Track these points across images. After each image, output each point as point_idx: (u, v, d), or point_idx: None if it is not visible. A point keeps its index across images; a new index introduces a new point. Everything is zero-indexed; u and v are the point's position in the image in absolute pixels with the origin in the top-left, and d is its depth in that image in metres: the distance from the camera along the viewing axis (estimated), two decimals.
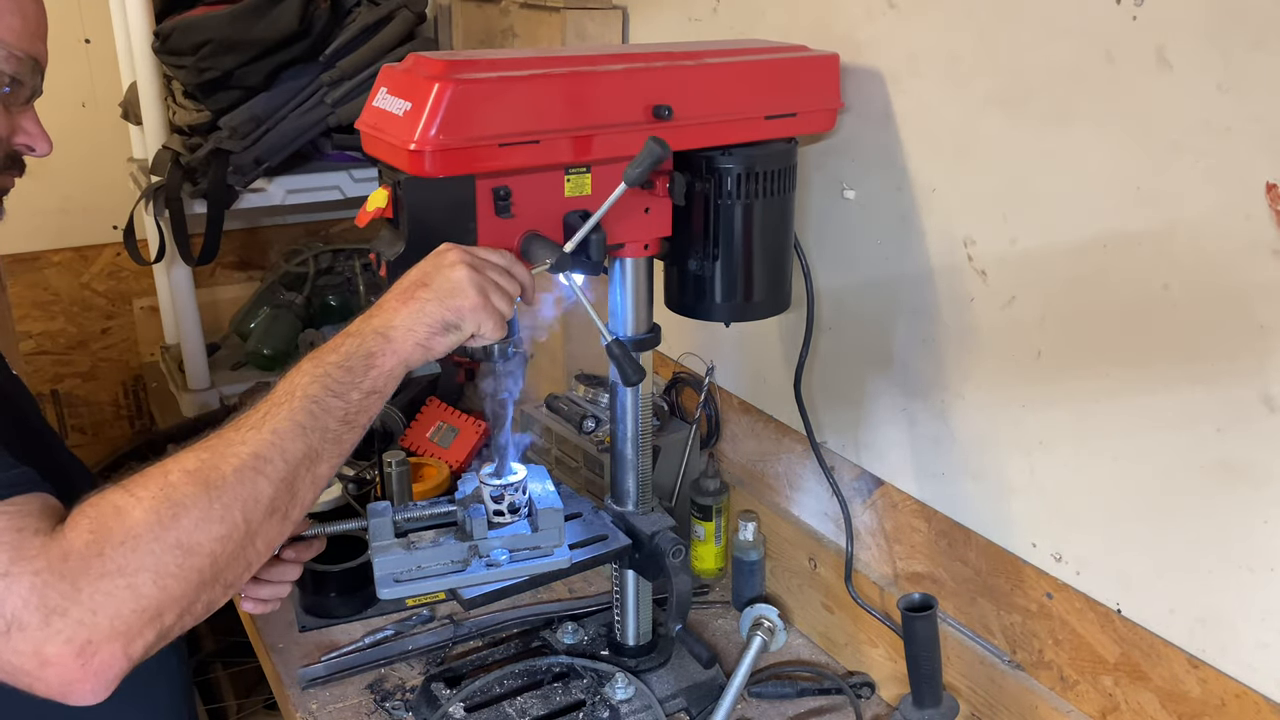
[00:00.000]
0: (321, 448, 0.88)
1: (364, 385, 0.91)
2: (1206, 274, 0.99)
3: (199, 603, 0.82)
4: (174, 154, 2.01)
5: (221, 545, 0.82)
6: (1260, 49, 0.91)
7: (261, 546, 0.86)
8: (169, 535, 0.79)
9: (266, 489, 0.84)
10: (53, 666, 0.76)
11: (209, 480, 0.82)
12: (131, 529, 0.78)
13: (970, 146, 1.19)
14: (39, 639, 0.75)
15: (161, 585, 0.79)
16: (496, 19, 1.91)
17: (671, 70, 1.16)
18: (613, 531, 1.33)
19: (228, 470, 0.83)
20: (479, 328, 0.97)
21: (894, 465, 1.39)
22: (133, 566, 0.78)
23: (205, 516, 0.81)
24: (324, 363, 0.91)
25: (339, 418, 0.89)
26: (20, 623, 0.75)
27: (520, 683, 1.38)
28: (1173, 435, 1.05)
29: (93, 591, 0.76)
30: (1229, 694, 1.04)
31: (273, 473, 0.85)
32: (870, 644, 1.44)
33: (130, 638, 0.78)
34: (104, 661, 0.77)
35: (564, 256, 1.08)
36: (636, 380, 1.13)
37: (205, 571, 0.81)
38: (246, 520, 0.83)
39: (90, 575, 0.76)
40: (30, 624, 0.75)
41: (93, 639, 0.76)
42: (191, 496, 0.81)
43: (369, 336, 0.93)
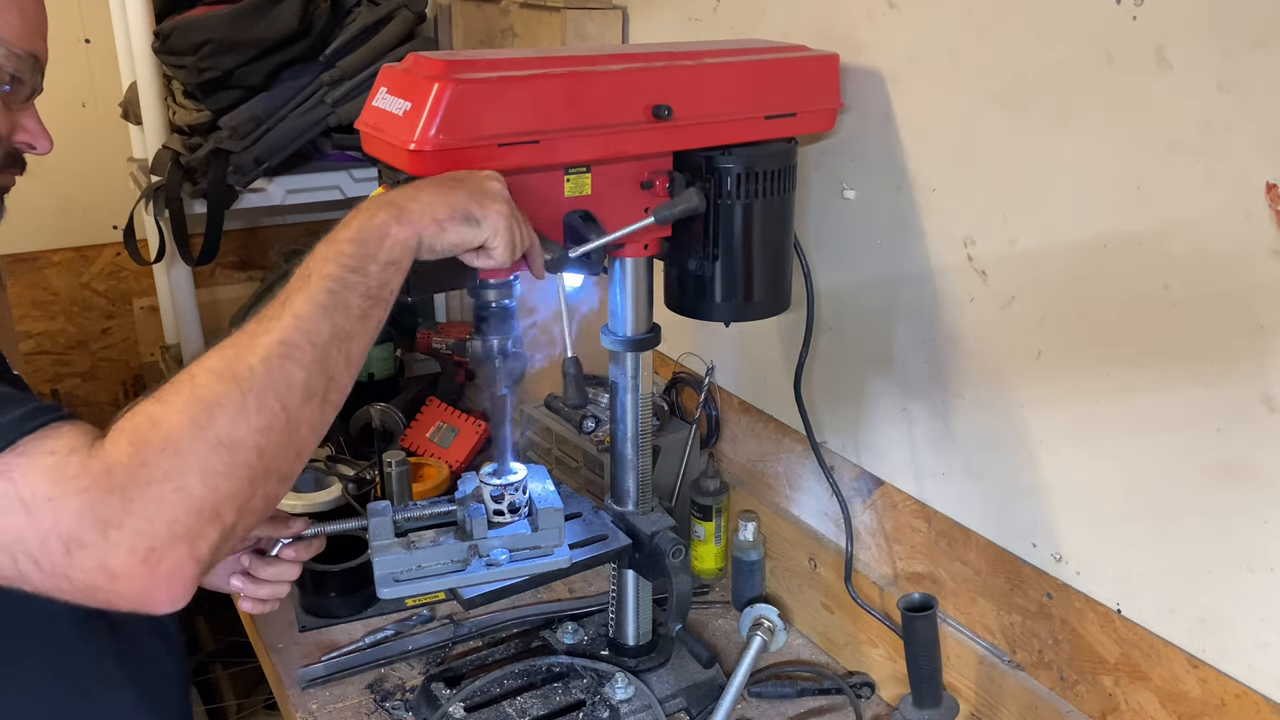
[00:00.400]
0: (348, 325, 0.86)
1: (380, 257, 0.89)
2: (1206, 274, 0.99)
3: (256, 497, 0.81)
4: (174, 154, 2.00)
5: (264, 436, 0.81)
6: (1260, 49, 0.91)
7: (307, 432, 0.84)
8: (208, 434, 0.78)
9: (298, 373, 0.83)
10: (122, 579, 0.75)
11: (237, 374, 0.81)
12: (170, 434, 0.77)
13: (970, 146, 1.19)
14: (102, 553, 0.74)
15: (211, 484, 0.78)
16: (496, 19, 1.91)
17: (671, 70, 1.16)
18: (613, 531, 1.33)
19: (255, 361, 0.82)
20: (494, 237, 0.95)
21: (894, 465, 1.39)
22: (179, 470, 0.77)
23: (241, 409, 0.80)
24: (336, 240, 0.89)
25: (361, 293, 0.87)
26: (79, 540, 0.74)
27: (520, 683, 1.38)
28: (1173, 435, 1.05)
29: (144, 500, 0.75)
30: (1229, 694, 1.04)
31: (301, 357, 0.83)
32: (870, 644, 1.44)
33: (193, 539, 0.77)
34: (173, 566, 0.76)
35: (564, 255, 1.08)
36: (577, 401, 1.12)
37: (254, 465, 0.80)
38: (285, 408, 0.82)
39: (138, 484, 0.76)
40: (89, 540, 0.74)
41: (155, 545, 0.75)
42: (223, 393, 0.80)
43: (381, 208, 0.91)
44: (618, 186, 1.16)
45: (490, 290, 1.11)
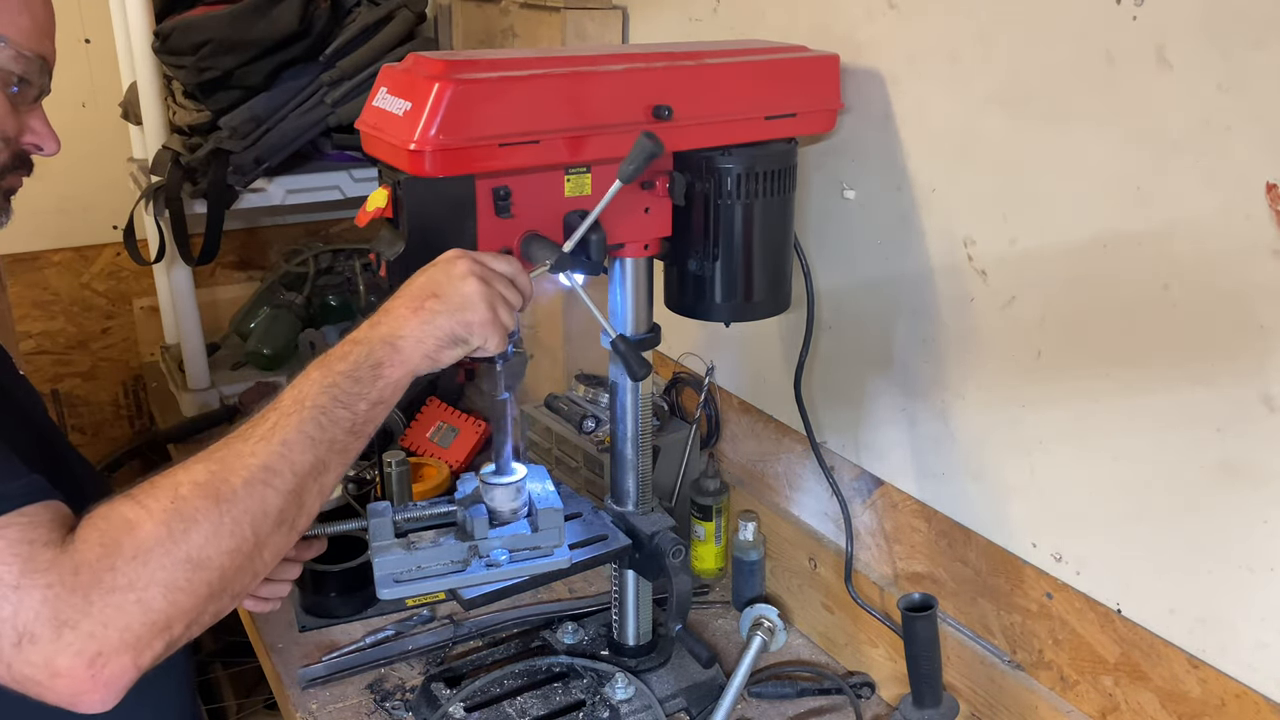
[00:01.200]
0: (328, 458, 0.89)
1: (371, 396, 0.92)
2: (1206, 274, 0.99)
3: (207, 613, 0.83)
4: (174, 154, 2.00)
5: (231, 559, 0.83)
6: (1260, 49, 0.91)
7: (269, 557, 0.87)
8: (179, 550, 0.80)
9: (275, 501, 0.85)
10: (63, 678, 0.76)
11: (219, 494, 0.83)
12: (142, 543, 0.79)
13: (970, 146, 1.19)
14: (50, 651, 0.76)
15: (171, 599, 0.80)
16: (496, 19, 1.91)
17: (671, 70, 1.16)
18: (613, 531, 1.33)
19: (238, 483, 0.84)
20: (485, 341, 0.98)
21: (894, 465, 1.39)
22: (143, 581, 0.78)
23: (215, 531, 0.82)
24: (332, 372, 0.91)
25: (346, 428, 0.90)
26: (32, 635, 0.75)
27: (520, 683, 1.38)
28: (1173, 435, 1.05)
29: (104, 605, 0.77)
30: (1229, 694, 1.04)
31: (281, 485, 0.86)
32: (870, 644, 1.44)
33: (140, 649, 0.79)
34: (114, 673, 0.78)
35: (564, 256, 1.08)
36: (643, 375, 1.14)
37: (214, 584, 0.82)
38: (255, 533, 0.84)
39: (101, 589, 0.77)
40: (42, 636, 0.75)
41: (103, 651, 0.77)
42: (202, 511, 0.82)
43: (377, 345, 0.93)
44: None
45: None
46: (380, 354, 0.93)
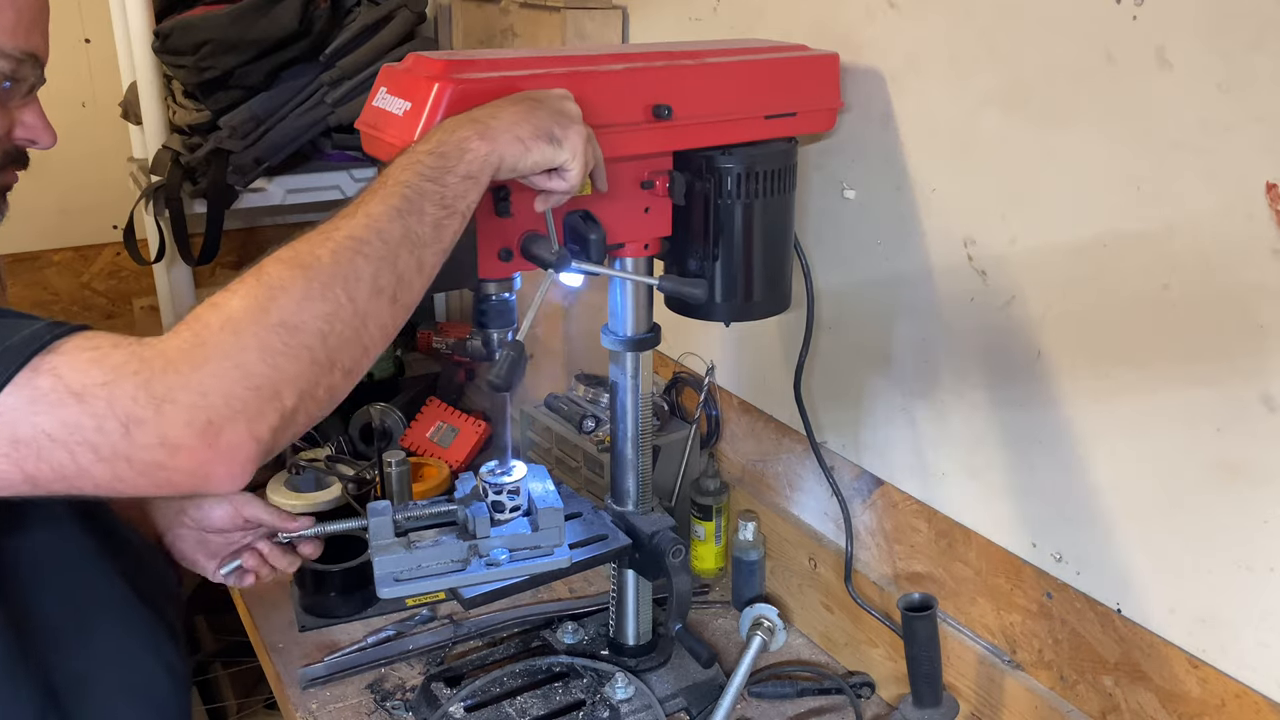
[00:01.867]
0: (420, 230, 0.86)
1: (459, 170, 0.89)
2: (1206, 274, 0.99)
3: (319, 386, 0.80)
4: (174, 154, 2.00)
5: (328, 323, 0.80)
6: (1260, 49, 0.91)
7: (374, 329, 0.83)
8: (269, 316, 0.78)
9: (365, 267, 0.82)
10: (182, 452, 0.74)
11: (304, 263, 0.81)
12: (230, 315, 0.77)
13: (970, 146, 1.19)
14: (158, 427, 0.74)
15: (271, 363, 0.77)
16: (496, 19, 1.91)
17: (671, 70, 1.16)
18: (613, 531, 1.33)
19: (324, 253, 0.81)
20: (572, 159, 0.96)
21: (894, 465, 1.39)
22: (237, 347, 0.76)
23: (305, 295, 0.79)
24: (415, 151, 0.89)
25: (436, 202, 0.87)
26: (136, 418, 0.74)
27: (520, 682, 1.38)
28: (1172, 435, 1.05)
29: (200, 375, 0.75)
30: (1229, 694, 1.04)
31: (371, 252, 0.83)
32: (870, 644, 1.44)
33: (251, 416, 0.76)
34: (231, 441, 0.75)
35: (564, 255, 1.08)
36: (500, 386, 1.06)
37: (316, 349, 0.79)
38: (351, 298, 0.81)
39: (194, 361, 0.75)
40: (146, 416, 0.74)
41: (212, 419, 0.75)
42: (288, 278, 0.79)
43: (463, 124, 0.91)
44: (618, 186, 1.16)
45: (491, 284, 1.11)
46: (466, 130, 0.91)
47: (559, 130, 0.95)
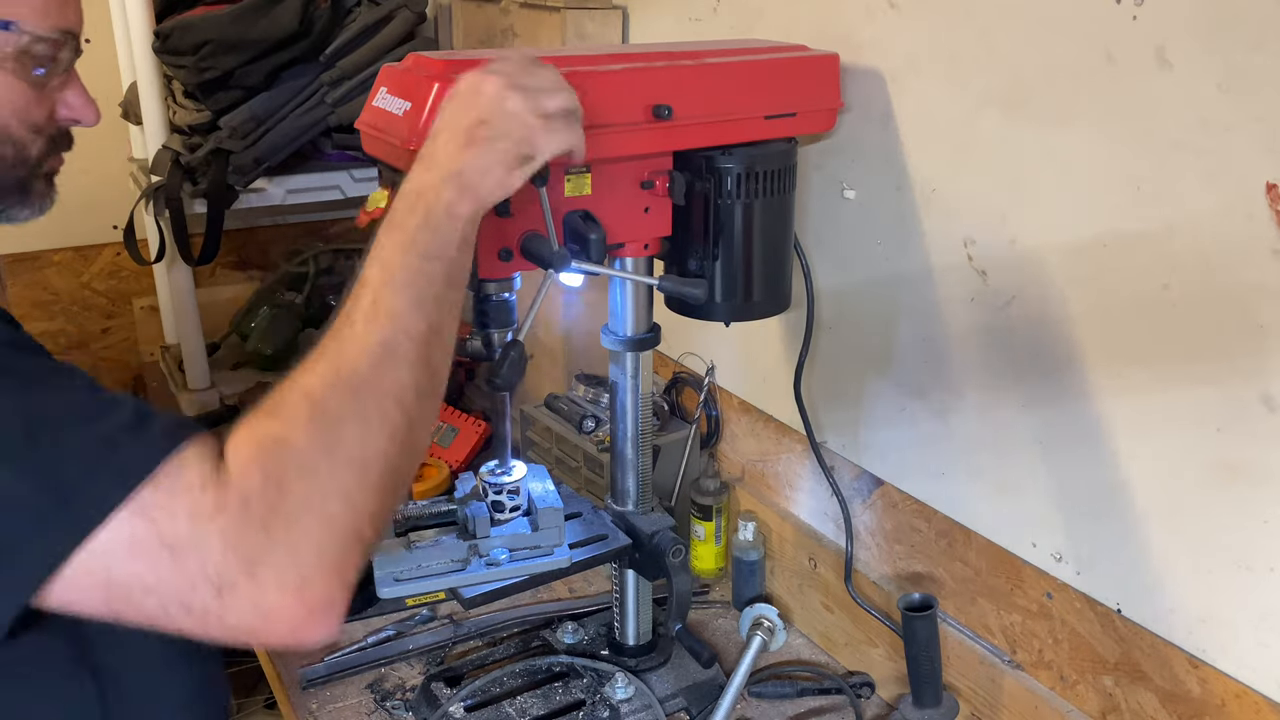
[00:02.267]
0: (438, 317, 0.85)
1: (454, 240, 0.87)
2: (1206, 274, 0.99)
3: (387, 507, 0.80)
4: (174, 154, 2.00)
5: (390, 444, 0.79)
6: (1260, 49, 0.91)
7: (422, 433, 0.83)
8: (338, 453, 0.76)
9: (407, 375, 0.81)
10: (278, 616, 0.72)
11: (350, 384, 0.78)
12: (301, 457, 0.75)
13: (970, 146, 1.19)
14: (253, 593, 0.71)
15: (351, 505, 0.75)
16: (496, 19, 1.91)
17: (671, 70, 1.16)
18: (613, 531, 1.33)
19: (364, 368, 0.79)
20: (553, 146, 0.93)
21: (894, 465, 1.39)
22: (319, 495, 0.74)
23: (364, 422, 0.78)
24: (407, 230, 0.85)
25: (443, 281, 0.85)
26: (229, 583, 0.71)
27: (520, 682, 1.38)
28: (1172, 435, 1.05)
29: (287, 532, 0.72)
30: (1229, 694, 1.04)
31: (405, 355, 0.81)
32: (870, 644, 1.44)
33: (341, 565, 0.75)
34: (325, 596, 0.73)
35: (564, 255, 1.08)
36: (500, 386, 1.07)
37: (385, 475, 0.78)
38: (403, 412, 0.80)
39: (280, 516, 0.72)
40: (238, 582, 0.71)
41: (306, 577, 0.72)
42: (343, 405, 0.77)
43: (441, 188, 0.87)
44: (618, 186, 1.16)
45: (491, 284, 1.11)
46: (447, 194, 0.87)
47: (524, 148, 0.92)
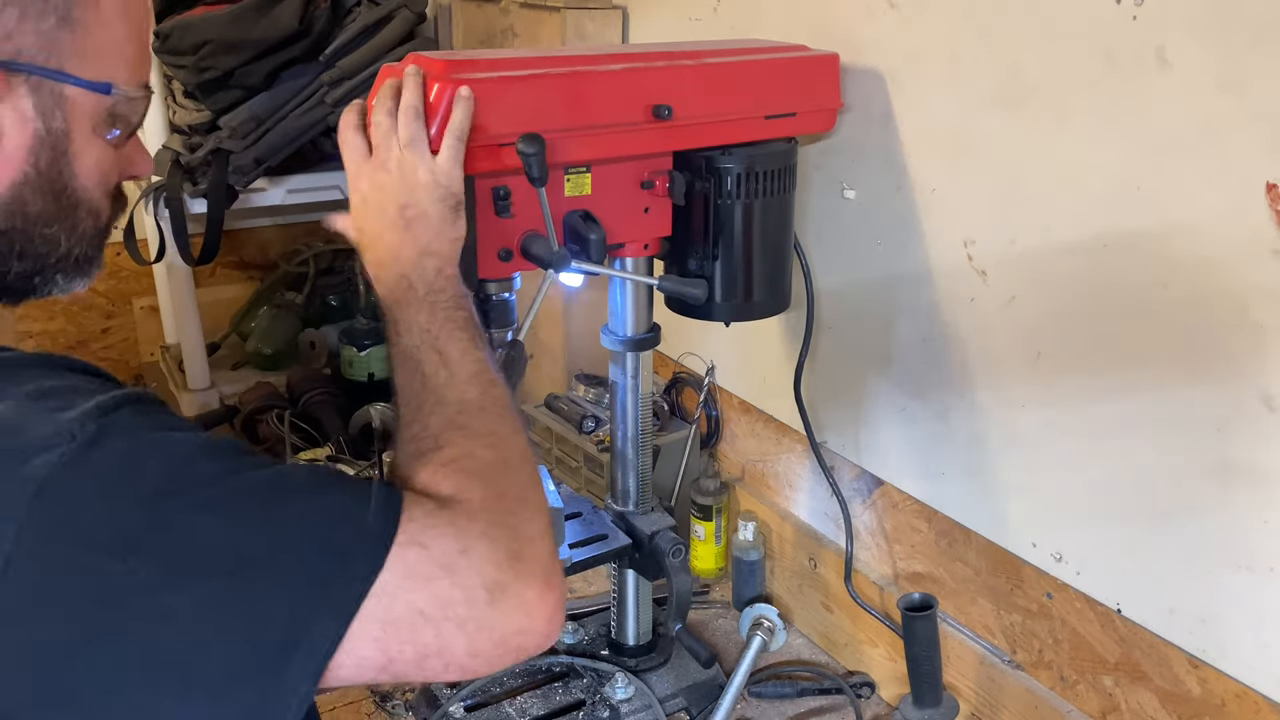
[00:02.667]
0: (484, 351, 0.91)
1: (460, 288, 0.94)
2: (1206, 274, 0.99)
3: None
4: (174, 154, 2.00)
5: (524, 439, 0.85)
6: (1260, 49, 0.91)
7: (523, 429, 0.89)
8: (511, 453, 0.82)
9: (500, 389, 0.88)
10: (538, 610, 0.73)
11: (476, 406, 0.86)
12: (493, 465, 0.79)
13: (970, 146, 1.19)
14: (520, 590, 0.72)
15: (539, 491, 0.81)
16: (496, 19, 1.91)
17: (671, 70, 1.16)
18: (613, 531, 1.33)
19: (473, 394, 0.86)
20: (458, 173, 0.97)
21: (894, 465, 1.39)
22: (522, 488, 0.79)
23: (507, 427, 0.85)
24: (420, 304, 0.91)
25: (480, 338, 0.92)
26: (499, 584, 0.72)
27: (520, 682, 1.38)
28: (1173, 435, 1.05)
29: (521, 524, 0.75)
30: (1229, 694, 1.04)
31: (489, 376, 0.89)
32: (870, 644, 1.44)
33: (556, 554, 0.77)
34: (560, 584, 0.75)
35: (564, 255, 1.08)
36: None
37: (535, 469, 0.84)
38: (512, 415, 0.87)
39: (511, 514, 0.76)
40: (507, 580, 0.72)
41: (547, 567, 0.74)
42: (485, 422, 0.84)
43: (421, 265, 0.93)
44: (618, 186, 1.16)
45: (491, 285, 1.11)
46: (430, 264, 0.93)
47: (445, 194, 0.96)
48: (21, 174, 0.73)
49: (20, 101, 0.70)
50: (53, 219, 0.77)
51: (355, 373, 2.14)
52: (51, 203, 0.76)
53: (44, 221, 0.76)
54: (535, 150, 1.00)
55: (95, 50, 0.74)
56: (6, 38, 0.68)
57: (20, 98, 0.70)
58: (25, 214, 0.75)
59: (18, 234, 0.76)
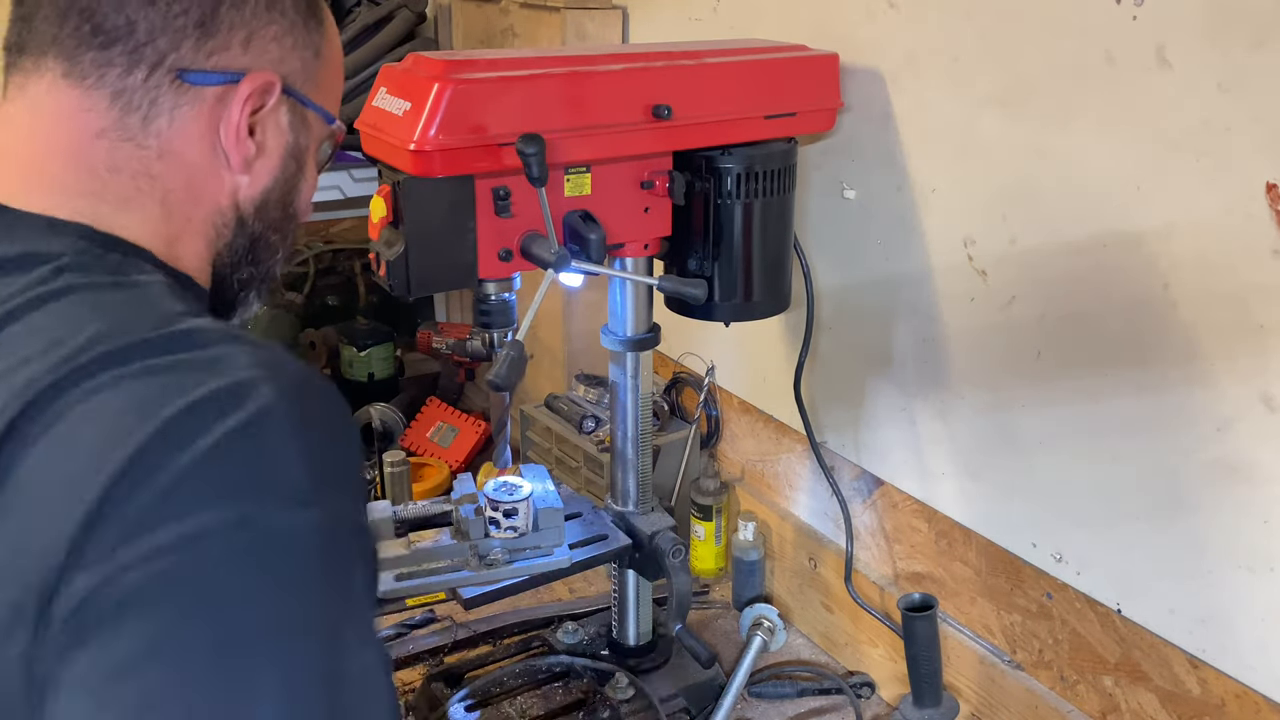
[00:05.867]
0: None
1: None
2: (1206, 274, 0.99)
3: None
4: None
5: None
6: (1260, 49, 0.91)
7: None
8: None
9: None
10: None
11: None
12: None
13: (970, 146, 1.19)
14: None
15: None
16: (496, 19, 1.91)
17: (671, 70, 1.16)
18: (613, 531, 1.33)
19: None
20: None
21: (894, 465, 1.39)
22: None
23: None
24: None
25: None
26: None
27: (520, 683, 1.38)
28: (1173, 435, 1.05)
29: None
30: (1229, 694, 1.04)
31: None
32: (870, 644, 1.44)
33: None
34: None
35: (564, 255, 1.08)
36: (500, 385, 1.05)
37: None
38: None
39: None
40: None
41: None
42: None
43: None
44: (617, 186, 1.16)
45: (491, 285, 1.11)
46: None
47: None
48: (273, 179, 0.78)
49: (282, 119, 0.77)
50: (278, 227, 0.81)
51: (355, 373, 2.14)
52: (282, 213, 0.81)
53: (273, 228, 0.81)
54: (535, 150, 1.00)
55: (326, 84, 0.82)
56: (282, 61, 0.76)
57: (282, 114, 0.77)
58: (267, 218, 0.80)
59: (258, 237, 0.80)
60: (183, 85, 0.73)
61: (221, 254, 0.79)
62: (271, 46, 0.76)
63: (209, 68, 0.73)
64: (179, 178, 0.74)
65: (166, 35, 0.72)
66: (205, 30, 0.73)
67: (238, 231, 0.79)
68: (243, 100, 0.74)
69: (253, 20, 0.74)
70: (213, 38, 0.73)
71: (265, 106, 0.75)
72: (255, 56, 0.75)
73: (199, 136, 0.74)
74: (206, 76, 0.73)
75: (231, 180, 0.76)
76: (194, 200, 0.76)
